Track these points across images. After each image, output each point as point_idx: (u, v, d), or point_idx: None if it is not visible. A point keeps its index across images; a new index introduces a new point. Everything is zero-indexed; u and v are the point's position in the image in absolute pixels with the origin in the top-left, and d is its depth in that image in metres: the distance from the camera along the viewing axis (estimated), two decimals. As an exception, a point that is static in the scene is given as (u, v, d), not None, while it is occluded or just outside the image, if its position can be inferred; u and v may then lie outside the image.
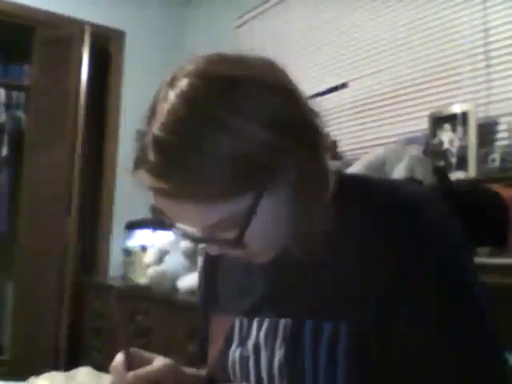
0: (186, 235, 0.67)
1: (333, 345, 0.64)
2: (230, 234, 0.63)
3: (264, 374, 0.70)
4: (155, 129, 0.60)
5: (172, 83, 0.62)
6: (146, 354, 0.78)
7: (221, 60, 0.65)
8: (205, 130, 0.58)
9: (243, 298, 0.77)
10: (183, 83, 0.61)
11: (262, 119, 0.59)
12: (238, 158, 0.58)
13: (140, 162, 0.61)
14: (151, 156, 0.59)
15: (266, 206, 0.62)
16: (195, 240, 0.68)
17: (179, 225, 0.67)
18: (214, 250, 0.69)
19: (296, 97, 0.64)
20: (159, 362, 0.76)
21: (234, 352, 0.75)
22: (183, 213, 0.62)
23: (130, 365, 0.73)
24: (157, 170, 0.59)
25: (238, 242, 0.63)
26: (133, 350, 0.76)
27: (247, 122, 0.59)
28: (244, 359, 0.73)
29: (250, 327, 0.74)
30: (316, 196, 0.65)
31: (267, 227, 0.64)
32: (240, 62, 0.64)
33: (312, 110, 0.65)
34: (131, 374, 0.72)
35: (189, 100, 0.59)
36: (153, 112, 0.62)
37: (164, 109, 0.60)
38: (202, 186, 0.58)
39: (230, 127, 0.58)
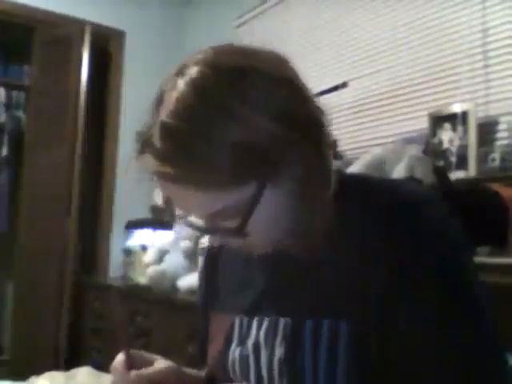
0: (187, 224, 0.68)
1: (333, 343, 0.64)
2: (232, 223, 0.63)
3: (264, 373, 0.70)
4: (163, 116, 0.60)
5: (181, 72, 0.62)
6: (147, 356, 0.78)
7: (230, 50, 0.65)
8: (213, 118, 0.59)
9: (243, 297, 0.78)
10: (192, 71, 0.61)
11: (268, 111, 0.60)
12: (244, 147, 0.58)
13: (145, 147, 0.61)
14: (158, 142, 0.60)
15: (269, 197, 0.62)
16: (197, 229, 0.69)
17: (182, 213, 0.67)
18: (215, 241, 0.70)
19: (303, 92, 0.65)
20: (161, 363, 0.76)
21: (234, 351, 0.75)
22: (187, 199, 0.63)
23: (131, 365, 0.74)
24: (163, 155, 0.59)
25: (240, 230, 0.63)
26: (134, 351, 0.76)
27: (254, 112, 0.59)
28: (244, 358, 0.73)
29: (249, 326, 0.74)
30: (319, 193, 0.65)
31: (269, 219, 0.65)
32: (249, 53, 0.65)
33: (318, 108, 0.66)
34: (134, 373, 0.72)
35: (198, 88, 0.60)
36: (160, 101, 0.62)
37: (172, 97, 0.60)
38: (208, 173, 0.59)
39: (237, 116, 0.59)
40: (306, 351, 0.66)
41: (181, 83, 0.61)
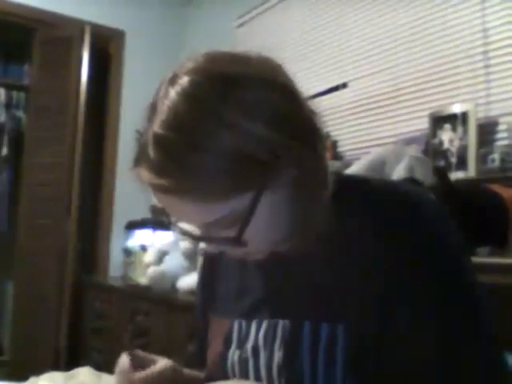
0: (185, 233, 0.67)
1: (331, 346, 0.64)
2: (229, 233, 0.62)
3: (263, 376, 0.70)
4: (155, 126, 0.59)
5: (172, 81, 0.61)
6: (148, 356, 0.78)
7: (221, 58, 0.64)
8: (205, 127, 0.58)
9: (242, 300, 0.77)
10: (184, 80, 0.60)
11: (262, 117, 0.59)
12: (237, 155, 0.57)
13: (140, 159, 0.61)
14: (151, 153, 0.59)
15: (265, 204, 0.61)
16: (194, 238, 0.68)
17: (179, 223, 0.67)
18: (212, 248, 0.69)
19: (296, 97, 0.64)
20: (162, 363, 0.76)
21: (233, 354, 0.75)
22: (183, 210, 0.62)
23: (136, 366, 0.74)
24: (157, 167, 0.59)
25: (238, 240, 0.62)
26: (135, 351, 0.76)
27: (247, 119, 0.58)
28: (243, 362, 0.73)
29: (248, 329, 0.74)
30: (315, 195, 0.65)
31: (266, 225, 0.64)
32: (241, 59, 0.64)
33: (312, 110, 0.65)
34: (142, 375, 0.73)
35: (189, 97, 0.59)
36: (153, 110, 0.61)
37: (165, 105, 0.60)
38: (202, 183, 0.58)
39: (230, 124, 0.58)
40: (304, 354, 0.66)
41: (172, 92, 0.60)
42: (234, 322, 0.77)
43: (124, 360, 0.75)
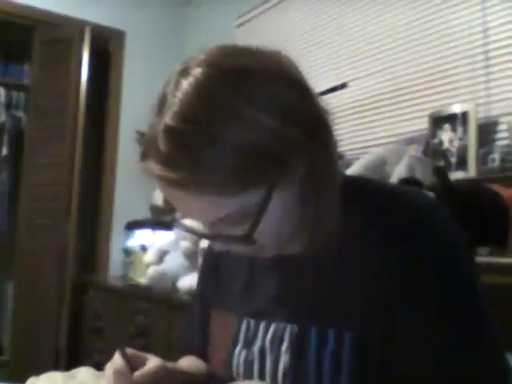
0: (191, 231, 0.66)
1: (337, 352, 0.64)
2: (238, 230, 0.61)
3: (268, 379, 0.70)
4: (167, 118, 0.58)
5: (184, 72, 0.60)
6: (137, 353, 0.76)
7: (234, 51, 0.64)
8: (219, 119, 0.56)
9: (250, 298, 0.77)
10: (197, 72, 0.59)
11: (275, 111, 0.58)
12: (250, 149, 0.56)
13: (148, 152, 0.59)
14: (162, 144, 0.57)
15: (276, 201, 0.60)
16: (201, 236, 0.67)
17: (185, 219, 0.66)
18: (219, 246, 0.68)
19: (309, 92, 0.63)
20: (153, 362, 0.74)
21: (239, 354, 0.75)
22: (191, 205, 0.60)
23: (132, 367, 0.73)
24: (167, 159, 0.57)
25: (247, 238, 0.61)
26: (127, 350, 0.75)
27: (260, 113, 0.57)
28: (249, 363, 0.73)
29: (256, 330, 0.74)
30: (326, 193, 0.64)
31: (276, 223, 0.63)
32: (254, 53, 0.63)
33: (323, 108, 0.64)
34: (137, 375, 0.72)
35: (203, 89, 0.58)
36: (163, 102, 0.60)
37: (176, 97, 0.58)
38: (213, 177, 0.56)
39: (243, 118, 0.57)
40: (310, 359, 0.66)
41: (185, 84, 0.59)
42: (243, 320, 0.76)
43: (119, 361, 0.73)
